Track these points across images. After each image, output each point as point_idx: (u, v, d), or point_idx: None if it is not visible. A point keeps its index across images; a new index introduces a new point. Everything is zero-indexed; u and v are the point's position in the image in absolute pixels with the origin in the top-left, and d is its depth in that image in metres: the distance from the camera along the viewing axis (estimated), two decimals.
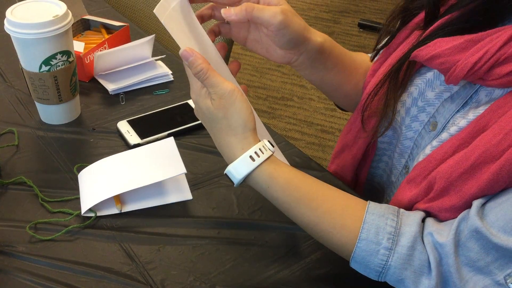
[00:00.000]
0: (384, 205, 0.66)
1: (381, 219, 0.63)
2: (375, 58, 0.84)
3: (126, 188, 0.79)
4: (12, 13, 0.86)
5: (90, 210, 0.78)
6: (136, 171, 0.83)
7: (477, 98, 0.65)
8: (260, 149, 0.65)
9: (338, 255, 0.67)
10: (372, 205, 0.65)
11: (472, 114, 0.64)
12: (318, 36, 0.74)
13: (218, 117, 0.66)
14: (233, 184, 0.67)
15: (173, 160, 0.83)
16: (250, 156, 0.65)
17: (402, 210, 0.65)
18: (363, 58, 0.88)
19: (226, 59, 1.18)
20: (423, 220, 0.64)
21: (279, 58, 0.75)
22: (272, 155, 0.67)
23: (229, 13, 0.67)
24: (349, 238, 0.64)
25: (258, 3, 0.69)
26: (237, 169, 0.65)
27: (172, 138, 0.87)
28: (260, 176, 0.66)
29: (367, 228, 0.63)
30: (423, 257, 0.61)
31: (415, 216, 0.64)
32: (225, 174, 0.67)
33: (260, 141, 0.66)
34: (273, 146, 0.67)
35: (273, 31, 0.69)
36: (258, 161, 0.65)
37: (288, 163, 0.71)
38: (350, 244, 0.64)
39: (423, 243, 0.61)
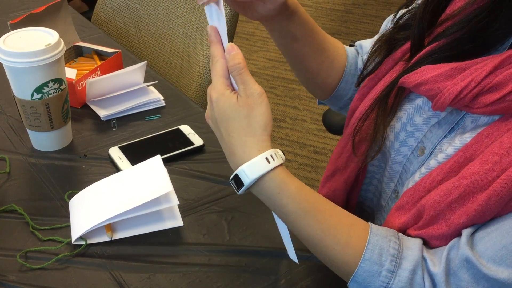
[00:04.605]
0: (384, 228, 0.66)
1: (385, 241, 0.63)
2: (360, 85, 0.85)
3: (116, 212, 0.79)
4: (4, 42, 0.86)
5: (81, 238, 0.78)
6: (125, 195, 0.83)
7: (463, 125, 0.66)
8: (274, 153, 0.64)
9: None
10: (375, 226, 0.66)
11: (458, 141, 0.65)
12: None
13: (240, 115, 0.65)
14: (237, 191, 0.65)
15: (160, 179, 0.83)
16: (266, 158, 0.64)
17: (400, 233, 0.66)
18: (338, 45, 0.90)
19: None
20: None
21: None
22: (283, 164, 0.66)
23: None
24: (352, 257, 0.63)
25: None
26: (252, 169, 0.64)
27: (158, 156, 0.88)
28: (273, 179, 0.64)
29: (371, 249, 0.63)
30: (422, 282, 0.61)
31: (416, 240, 0.64)
32: (231, 180, 0.66)
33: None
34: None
35: None
36: (273, 164, 0.64)
37: None
38: (352, 263, 0.63)
39: (422, 268, 0.62)
